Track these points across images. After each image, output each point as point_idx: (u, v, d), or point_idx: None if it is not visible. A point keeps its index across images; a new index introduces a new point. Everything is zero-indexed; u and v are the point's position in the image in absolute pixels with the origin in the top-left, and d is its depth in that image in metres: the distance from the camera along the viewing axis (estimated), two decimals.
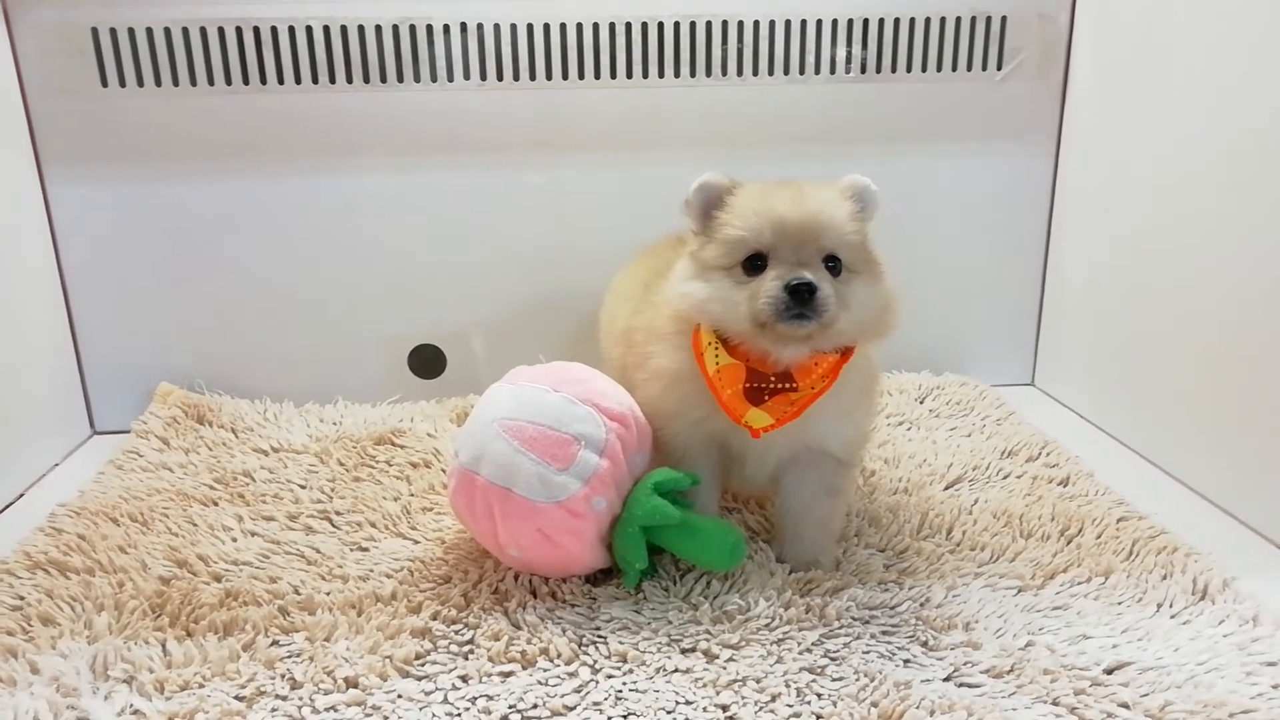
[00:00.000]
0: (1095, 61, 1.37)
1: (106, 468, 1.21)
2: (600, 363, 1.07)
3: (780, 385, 0.91)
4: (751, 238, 0.89)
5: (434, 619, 0.89)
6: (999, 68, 1.42)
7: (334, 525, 1.08)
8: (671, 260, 1.04)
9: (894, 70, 1.41)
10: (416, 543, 1.04)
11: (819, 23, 1.37)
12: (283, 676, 0.82)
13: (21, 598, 0.92)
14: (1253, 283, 1.08)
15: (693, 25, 1.35)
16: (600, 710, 0.78)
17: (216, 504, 1.12)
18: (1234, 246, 1.11)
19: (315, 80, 1.32)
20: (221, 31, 1.29)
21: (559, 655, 0.84)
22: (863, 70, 1.41)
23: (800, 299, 0.86)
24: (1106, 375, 1.38)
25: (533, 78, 1.36)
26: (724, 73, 1.39)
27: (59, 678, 0.80)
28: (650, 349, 1.00)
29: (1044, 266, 1.51)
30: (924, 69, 1.41)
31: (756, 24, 1.36)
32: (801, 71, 1.40)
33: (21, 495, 1.19)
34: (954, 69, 1.41)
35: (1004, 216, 1.50)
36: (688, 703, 0.79)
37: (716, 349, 0.92)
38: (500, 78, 1.35)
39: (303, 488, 1.16)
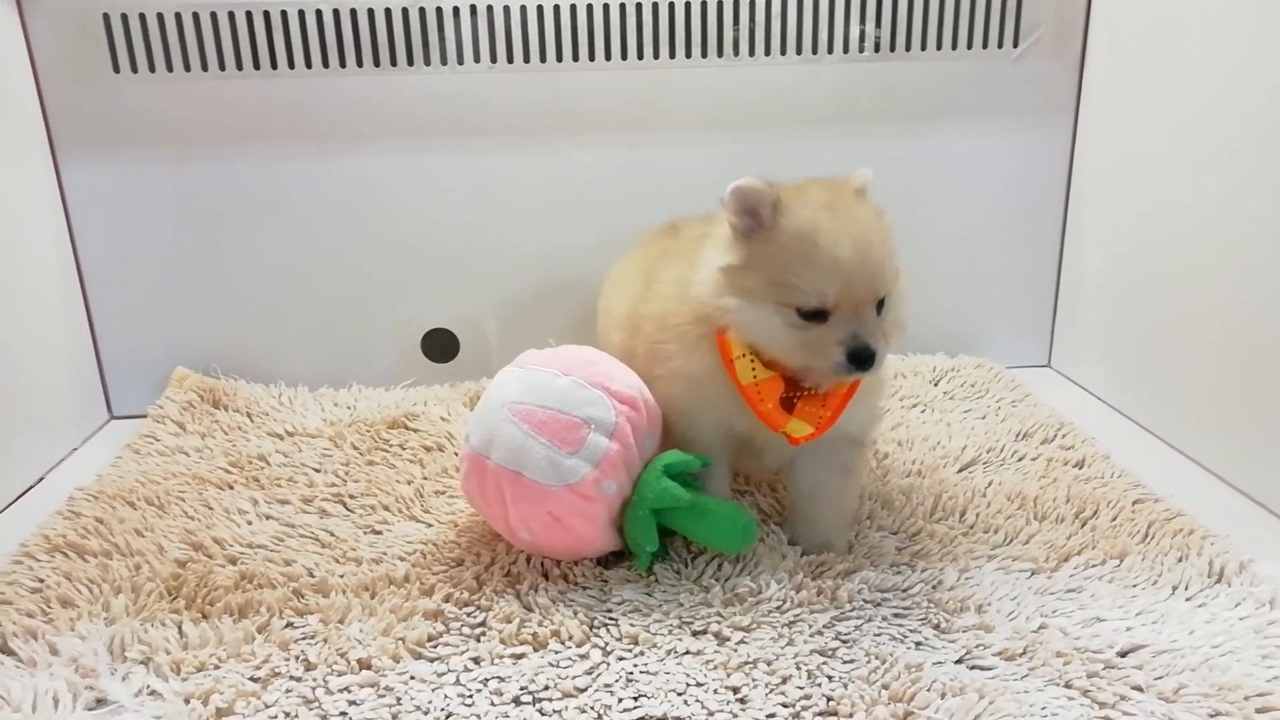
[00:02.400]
0: (1113, 37, 1.35)
1: (124, 452, 1.22)
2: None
3: (808, 390, 0.91)
4: (813, 295, 0.86)
5: (446, 601, 0.90)
6: (1015, 45, 1.40)
7: (348, 508, 1.09)
8: (668, 250, 1.03)
9: (908, 48, 1.39)
10: (429, 526, 1.05)
11: (831, 1, 1.36)
12: (297, 658, 0.82)
13: (41, 580, 0.93)
14: (1273, 263, 1.06)
15: (704, 5, 1.34)
16: (611, 692, 0.78)
17: (232, 487, 1.13)
18: (1254, 227, 1.09)
19: (326, 64, 1.32)
20: (232, 16, 1.29)
21: (570, 637, 0.85)
22: (876, 49, 1.39)
23: (862, 365, 0.86)
24: (1123, 357, 1.36)
25: (543, 60, 1.35)
26: (736, 53, 1.37)
27: (77, 659, 0.81)
28: (667, 347, 0.98)
29: (1060, 246, 1.50)
30: (939, 46, 1.39)
31: (769, 3, 1.35)
32: (815, 51, 1.38)
33: (41, 479, 1.21)
34: (969, 46, 1.40)
35: (1020, 196, 1.48)
36: (698, 684, 0.79)
37: (753, 362, 0.91)
38: (511, 60, 1.35)
39: (317, 471, 1.17)
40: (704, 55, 1.37)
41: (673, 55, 1.36)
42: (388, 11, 1.31)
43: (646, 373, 1.00)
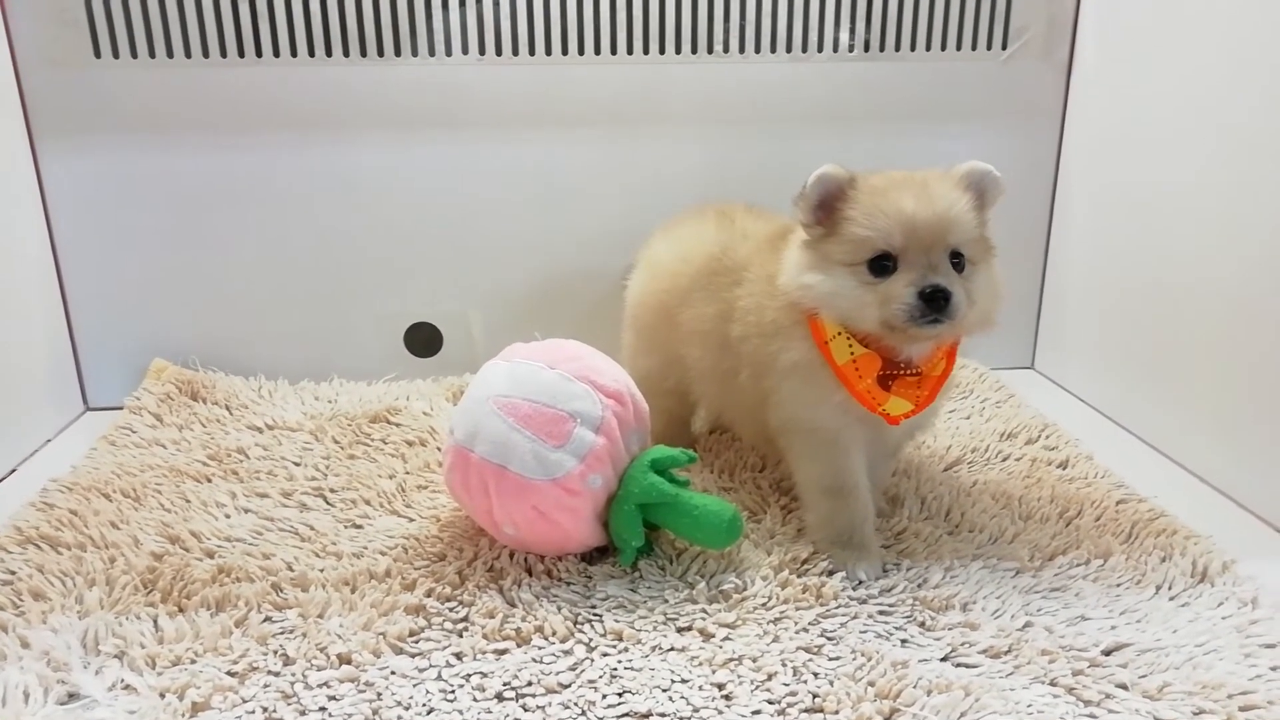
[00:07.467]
0: (1102, 40, 1.36)
1: (99, 443, 1.20)
2: (612, 340, 1.04)
3: (904, 370, 0.92)
4: (879, 239, 0.88)
5: (428, 596, 0.88)
6: (1004, 47, 1.40)
7: (328, 503, 1.07)
8: (724, 243, 1.06)
9: (897, 49, 1.39)
10: (411, 520, 1.03)
11: (822, 0, 1.36)
12: (275, 653, 0.81)
13: (12, 572, 0.91)
14: (1255, 266, 1.07)
15: (694, 1, 1.34)
16: (595, 688, 0.77)
17: (210, 480, 1.11)
18: (1237, 229, 1.10)
19: (311, 53, 1.31)
20: (216, 1, 1.27)
21: (554, 633, 0.84)
22: (865, 49, 1.39)
23: (936, 306, 0.86)
24: (1107, 358, 1.37)
25: (532, 53, 1.34)
26: (725, 50, 1.37)
27: (49, 652, 0.80)
28: (771, 348, 0.97)
29: (1045, 249, 1.50)
30: (928, 48, 1.40)
31: (759, 1, 1.34)
32: (804, 49, 1.38)
33: (14, 470, 1.19)
34: (958, 48, 1.40)
35: (1006, 198, 1.47)
36: (683, 681, 0.78)
37: (849, 340, 0.91)
38: (499, 52, 1.34)
39: (297, 465, 1.15)
40: (694, 51, 1.36)
41: (662, 51, 1.36)
42: (375, 0, 1.29)
43: (756, 387, 0.99)
